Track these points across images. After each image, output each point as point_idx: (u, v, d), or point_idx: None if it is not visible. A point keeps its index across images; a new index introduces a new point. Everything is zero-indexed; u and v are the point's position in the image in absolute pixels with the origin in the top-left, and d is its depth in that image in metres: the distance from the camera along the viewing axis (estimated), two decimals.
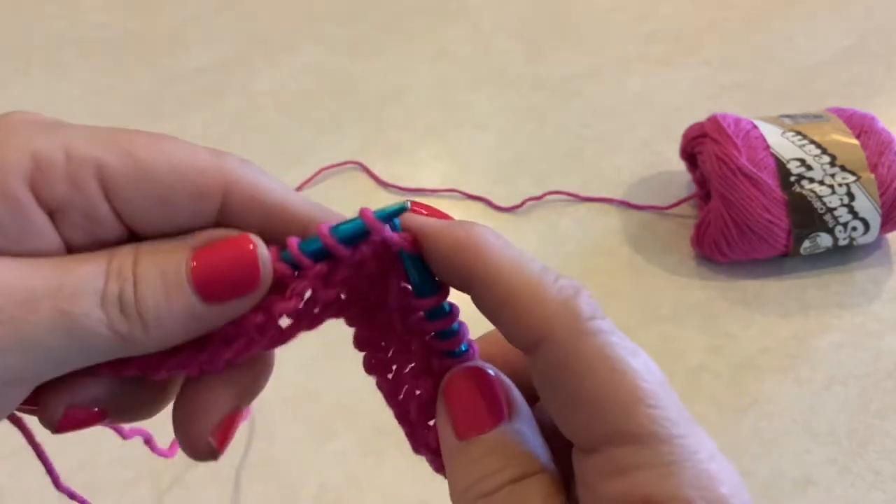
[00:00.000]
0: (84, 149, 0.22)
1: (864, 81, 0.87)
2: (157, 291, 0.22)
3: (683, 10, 0.99)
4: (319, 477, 0.55)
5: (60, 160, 0.22)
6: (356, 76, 0.91)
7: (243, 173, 0.24)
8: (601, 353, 0.21)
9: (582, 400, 0.21)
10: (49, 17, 1.03)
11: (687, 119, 0.72)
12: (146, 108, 0.88)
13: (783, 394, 0.58)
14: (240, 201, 0.24)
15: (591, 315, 0.22)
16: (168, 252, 0.23)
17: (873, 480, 0.53)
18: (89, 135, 0.22)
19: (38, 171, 0.21)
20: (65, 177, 0.22)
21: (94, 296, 0.21)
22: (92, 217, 0.23)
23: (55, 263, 0.22)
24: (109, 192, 0.22)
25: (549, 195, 0.74)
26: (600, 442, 0.21)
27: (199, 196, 0.23)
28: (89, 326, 0.21)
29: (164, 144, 0.23)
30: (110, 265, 0.22)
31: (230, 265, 0.23)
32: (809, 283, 0.66)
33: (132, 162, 0.22)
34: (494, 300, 0.23)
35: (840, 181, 0.63)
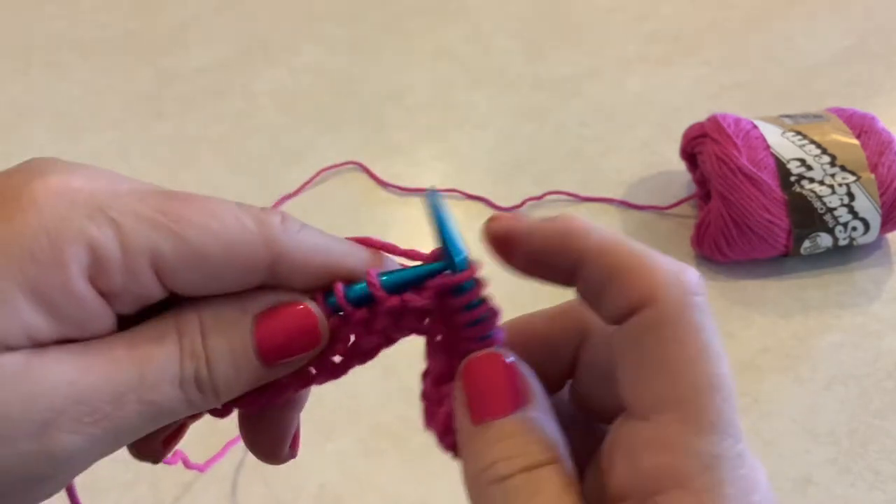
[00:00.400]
0: (137, 238, 0.22)
1: (864, 81, 0.87)
2: (228, 367, 0.24)
3: (683, 10, 0.99)
4: (319, 477, 0.55)
5: (116, 254, 0.22)
6: (356, 76, 0.91)
7: (288, 242, 0.24)
8: (699, 329, 0.22)
9: (665, 364, 0.22)
10: (49, 17, 1.03)
11: (687, 119, 0.72)
12: (146, 108, 0.88)
13: (783, 394, 0.58)
14: (286, 270, 0.25)
15: (697, 290, 0.22)
16: (233, 322, 0.24)
17: (873, 480, 0.53)
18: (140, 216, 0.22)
19: (96, 266, 0.22)
20: (122, 268, 0.22)
21: (174, 381, 0.23)
22: (144, 296, 0.23)
23: (128, 350, 0.23)
24: (162, 276, 0.23)
25: (549, 195, 0.74)
26: (662, 409, 0.21)
27: (249, 272, 0.24)
28: (171, 408, 0.23)
29: (214, 221, 0.23)
30: (182, 346, 0.23)
31: (292, 333, 0.25)
32: (809, 283, 0.66)
33: (184, 247, 0.23)
34: (605, 271, 0.23)
35: (840, 181, 0.63)
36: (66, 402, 0.21)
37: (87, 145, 0.83)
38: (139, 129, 0.85)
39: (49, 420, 0.21)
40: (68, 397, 0.21)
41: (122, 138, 0.84)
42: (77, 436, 0.21)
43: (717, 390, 0.21)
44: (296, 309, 0.25)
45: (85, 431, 0.22)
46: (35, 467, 0.21)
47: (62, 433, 0.21)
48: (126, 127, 0.85)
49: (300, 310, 0.25)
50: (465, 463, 0.24)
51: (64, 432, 0.21)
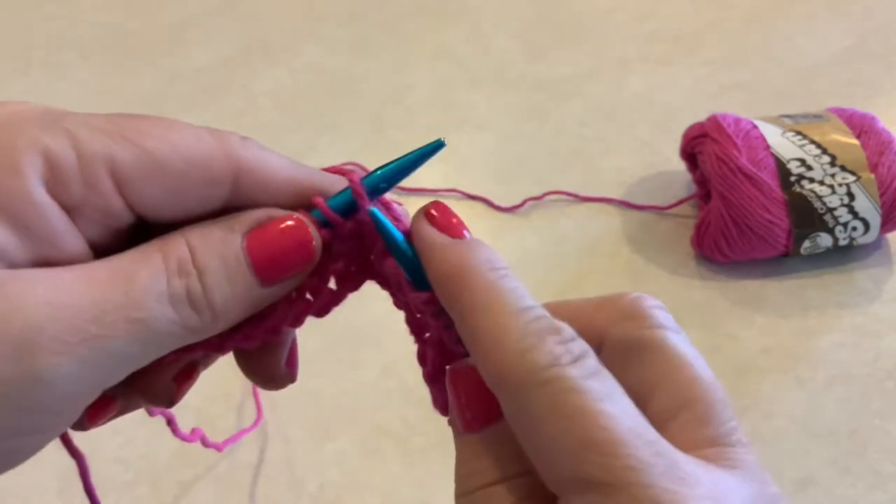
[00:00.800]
0: (93, 145, 0.22)
1: (864, 81, 0.87)
2: (222, 282, 0.23)
3: (683, 10, 0.99)
4: (319, 477, 0.55)
5: (72, 159, 0.21)
6: (356, 76, 0.91)
7: (249, 155, 0.24)
8: (551, 402, 0.20)
9: (537, 448, 0.21)
10: (49, 17, 1.03)
11: (687, 119, 0.72)
12: (146, 108, 0.88)
13: (783, 394, 0.58)
14: (249, 183, 0.24)
15: (546, 363, 0.20)
16: (222, 238, 0.23)
17: (873, 480, 0.53)
18: (94, 127, 0.22)
19: (53, 173, 0.21)
20: (79, 176, 0.21)
21: (162, 297, 0.22)
22: (107, 212, 0.22)
23: (109, 271, 0.22)
24: (122, 186, 0.22)
25: (549, 195, 0.74)
26: (560, 489, 0.20)
27: (211, 184, 0.23)
28: (163, 328, 0.22)
29: (171, 133, 0.23)
30: (167, 262, 0.22)
31: (285, 245, 0.24)
32: (809, 283, 0.66)
33: (143, 155, 0.22)
34: (464, 334, 0.23)
35: (840, 181, 0.63)
36: (46, 321, 0.20)
37: None
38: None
39: (28, 340, 0.20)
40: (49, 316, 0.20)
41: None
42: (63, 357, 0.20)
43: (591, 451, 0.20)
44: (286, 222, 0.24)
45: (71, 352, 0.20)
46: (22, 394, 0.20)
47: (45, 354, 0.20)
48: None
49: (291, 222, 0.24)
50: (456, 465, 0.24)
51: (47, 353, 0.20)
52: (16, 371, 0.20)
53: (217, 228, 0.24)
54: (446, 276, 0.23)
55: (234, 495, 0.54)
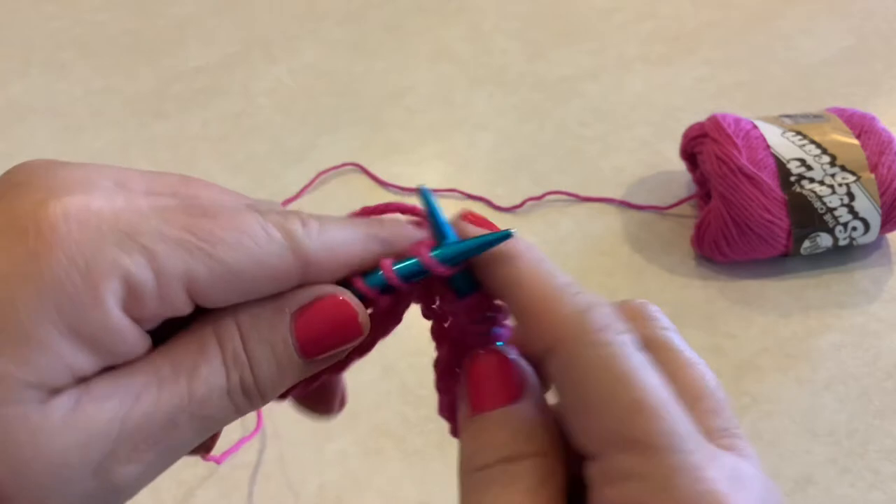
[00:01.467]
0: (171, 262, 0.22)
1: (864, 81, 0.87)
2: (271, 370, 0.24)
3: (683, 10, 0.99)
4: (319, 477, 0.55)
5: (151, 283, 0.21)
6: (356, 76, 0.91)
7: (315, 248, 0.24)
8: (607, 363, 0.22)
9: (586, 404, 0.22)
10: (49, 16, 1.03)
11: (687, 119, 0.72)
12: (146, 108, 0.88)
13: (783, 394, 0.58)
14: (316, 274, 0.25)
15: (604, 325, 0.22)
16: (271, 325, 0.24)
17: (873, 480, 0.53)
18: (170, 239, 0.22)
19: (131, 296, 0.21)
20: (156, 297, 0.22)
21: (222, 393, 0.23)
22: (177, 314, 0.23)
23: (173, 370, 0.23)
24: (195, 296, 0.23)
25: (549, 195, 0.74)
26: (602, 447, 0.21)
27: (281, 284, 0.24)
28: (221, 418, 0.23)
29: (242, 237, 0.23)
30: (224, 355, 0.23)
31: (332, 326, 0.25)
32: (809, 283, 0.66)
33: (218, 268, 0.22)
34: (519, 306, 0.24)
35: (840, 181, 0.63)
36: (121, 436, 0.21)
37: (87, 145, 0.83)
38: (139, 129, 0.85)
39: (106, 457, 0.21)
40: (122, 432, 0.21)
41: (122, 138, 0.84)
42: (134, 465, 0.22)
43: (642, 412, 0.21)
44: (333, 302, 0.25)
45: (142, 459, 0.22)
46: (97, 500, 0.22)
47: (120, 466, 0.21)
48: (126, 127, 0.85)
49: (338, 302, 0.25)
50: (460, 451, 0.25)
51: (122, 464, 0.21)
52: (97, 486, 0.21)
53: (267, 310, 0.24)
54: (500, 259, 0.25)
55: (235, 495, 0.54)
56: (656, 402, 0.21)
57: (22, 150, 0.83)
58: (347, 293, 0.25)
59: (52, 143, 0.84)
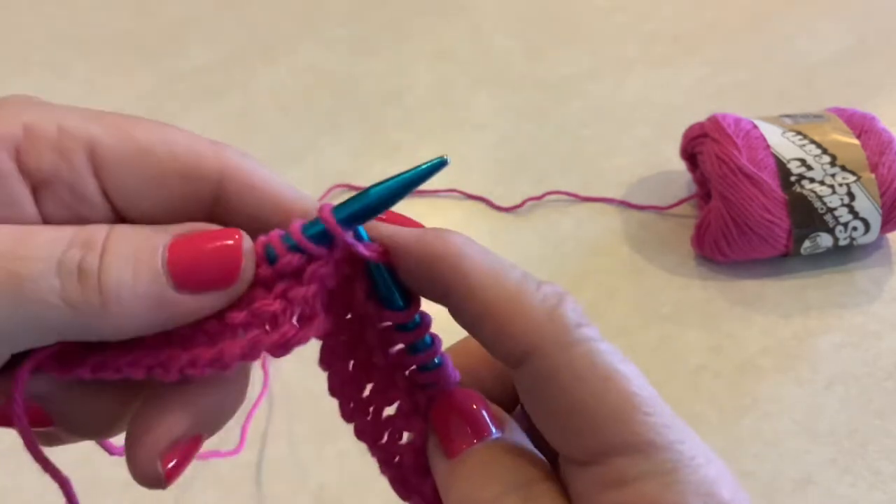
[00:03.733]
0: (78, 123, 0.21)
1: (864, 81, 0.87)
2: (124, 266, 0.20)
3: (683, 10, 0.99)
4: (319, 477, 0.55)
5: (51, 131, 0.21)
6: (356, 76, 0.91)
7: (241, 163, 0.23)
8: (591, 363, 0.21)
9: (574, 411, 0.21)
10: (49, 16, 1.03)
11: (687, 119, 0.72)
12: (146, 108, 0.88)
13: (783, 394, 0.58)
14: (235, 190, 0.23)
15: (577, 323, 0.21)
16: (148, 233, 0.21)
17: (873, 480, 0.53)
18: (86, 113, 0.22)
19: (27, 141, 0.21)
20: (53, 148, 0.21)
21: (50, 261, 0.20)
22: (78, 192, 0.21)
23: (17, 229, 0.20)
24: (100, 168, 0.21)
25: (549, 195, 0.74)
26: (596, 453, 0.20)
27: (193, 178, 0.22)
28: (38, 292, 0.19)
29: (164, 129, 0.23)
30: (78, 234, 0.21)
31: (210, 254, 0.21)
32: (809, 283, 0.66)
33: (126, 139, 0.22)
34: (474, 313, 0.22)
35: (840, 181, 0.63)
36: None
37: None
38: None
39: None
40: None
41: None
42: None
43: (636, 410, 0.20)
44: (223, 233, 0.22)
45: None
46: None
47: None
48: None
49: (227, 235, 0.22)
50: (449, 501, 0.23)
51: None
52: None
53: (150, 227, 0.22)
54: (436, 258, 0.22)
55: (235, 495, 0.54)
56: (646, 397, 0.20)
57: None
58: (245, 235, 0.22)
59: None
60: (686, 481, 0.20)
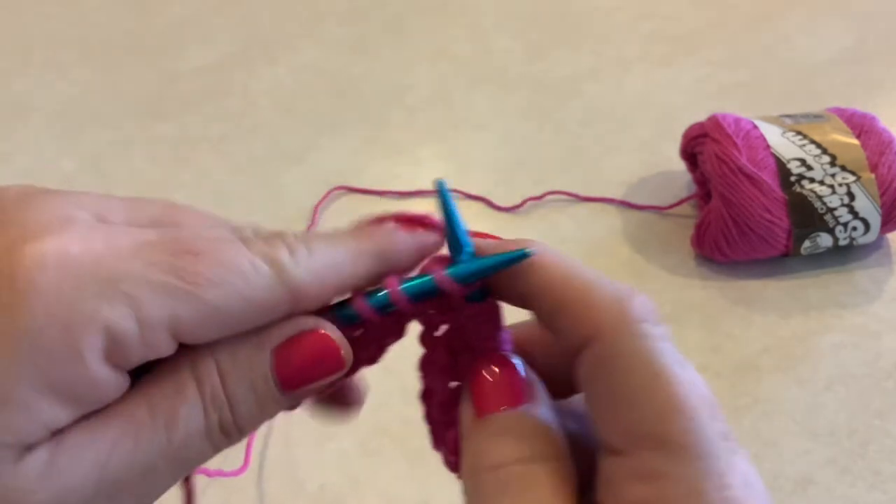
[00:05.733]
0: (154, 309, 0.20)
1: (864, 81, 0.87)
2: (251, 408, 0.23)
3: (683, 10, 0.99)
4: (319, 477, 0.55)
5: (134, 332, 0.20)
6: (356, 76, 0.91)
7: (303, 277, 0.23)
8: (647, 356, 0.21)
9: (621, 398, 0.21)
10: (49, 16, 1.03)
11: (687, 119, 0.72)
12: (146, 108, 0.88)
13: (783, 394, 0.58)
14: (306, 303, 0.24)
15: (642, 318, 0.22)
16: (250, 362, 0.23)
17: (873, 480, 0.53)
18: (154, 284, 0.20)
19: (114, 346, 0.20)
20: (140, 345, 0.21)
21: (201, 435, 0.22)
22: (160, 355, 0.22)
23: (150, 414, 0.22)
24: (180, 338, 0.22)
25: (549, 195, 0.74)
26: (632, 443, 0.21)
27: (269, 316, 0.23)
28: (199, 458, 0.23)
29: (229, 275, 0.22)
30: (202, 395, 0.22)
31: (313, 361, 0.24)
32: (809, 283, 0.66)
33: (204, 308, 0.21)
34: (550, 308, 0.23)
35: (840, 181, 0.63)
36: (99, 488, 0.21)
37: (87, 145, 0.83)
38: (139, 130, 0.85)
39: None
40: (100, 483, 0.21)
41: (122, 139, 0.84)
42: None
43: (679, 412, 0.21)
44: (314, 336, 0.24)
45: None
46: None
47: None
48: (126, 127, 0.85)
49: (319, 337, 0.24)
50: (464, 456, 0.24)
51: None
52: None
53: (246, 347, 0.23)
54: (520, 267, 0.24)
55: (235, 495, 0.54)
56: (693, 403, 0.21)
57: (22, 150, 0.83)
58: (329, 326, 0.24)
59: (52, 143, 0.84)
60: (707, 495, 0.20)
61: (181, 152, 0.82)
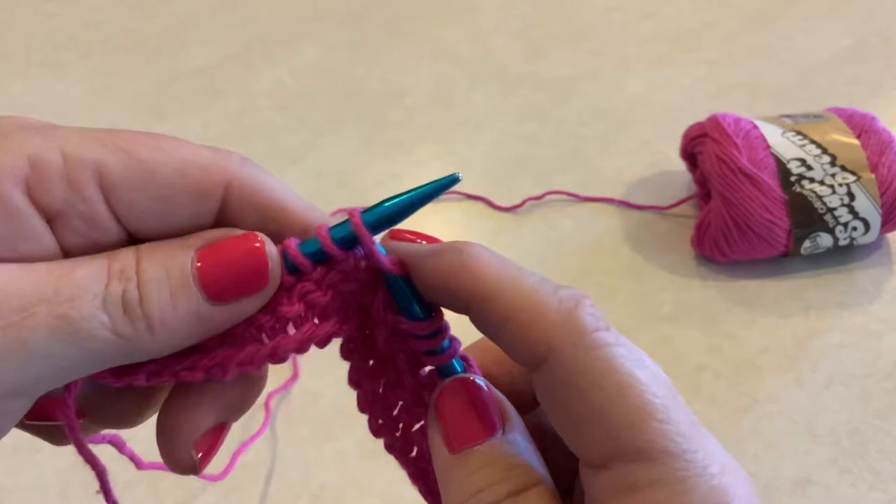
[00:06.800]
0: (82, 150, 0.21)
1: (864, 81, 0.87)
2: (162, 291, 0.21)
3: (683, 10, 0.99)
4: (319, 477, 0.55)
5: (57, 162, 0.21)
6: (356, 76, 0.91)
7: (245, 171, 0.23)
8: (607, 367, 0.21)
9: (589, 415, 0.21)
10: (49, 17, 1.03)
11: (687, 119, 0.72)
12: (146, 108, 0.88)
13: (783, 394, 0.58)
14: (240, 199, 0.23)
15: (594, 327, 0.21)
16: (172, 251, 0.22)
17: (873, 480, 0.53)
18: (87, 136, 0.22)
19: (35, 175, 0.21)
20: (63, 179, 0.21)
21: (95, 298, 0.21)
22: (91, 220, 0.22)
23: (50, 267, 0.21)
24: (109, 193, 0.22)
25: (549, 195, 0.74)
26: (609, 458, 0.21)
27: (201, 194, 0.23)
28: (91, 330, 0.20)
29: (165, 144, 0.23)
30: (111, 266, 0.21)
31: (238, 263, 0.22)
32: (809, 283, 0.66)
33: (133, 162, 0.22)
34: (494, 320, 0.22)
35: (840, 181, 0.63)
36: None
37: None
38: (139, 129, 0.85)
39: None
40: None
41: None
42: None
43: (650, 418, 0.20)
44: (244, 237, 0.23)
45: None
46: None
47: None
48: (126, 127, 0.85)
49: (248, 237, 0.23)
50: (445, 495, 0.23)
51: None
52: None
53: (171, 243, 0.23)
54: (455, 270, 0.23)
55: (235, 495, 0.54)
56: (661, 402, 0.21)
57: None
58: (266, 238, 0.23)
59: None
60: (696, 490, 0.20)
61: None
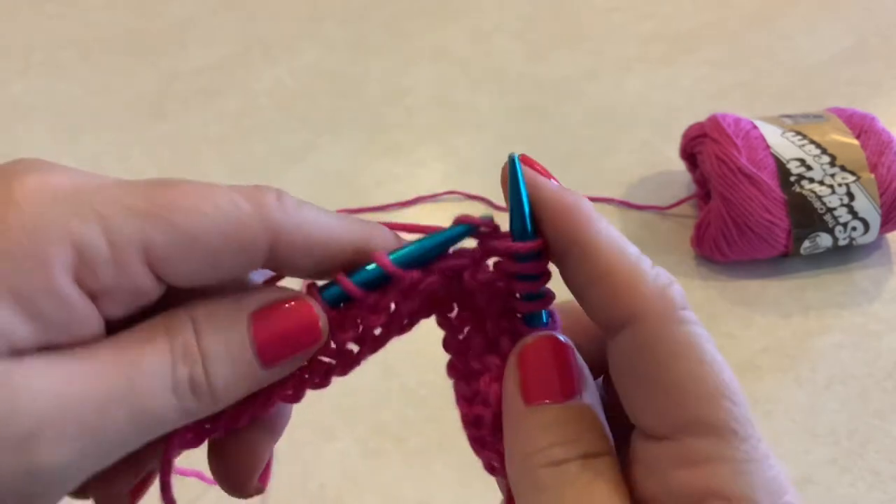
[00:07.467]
0: (126, 229, 0.21)
1: (864, 81, 0.87)
2: (225, 368, 0.23)
3: (683, 10, 0.99)
4: (319, 477, 0.55)
5: (104, 248, 0.20)
6: (356, 76, 0.91)
7: (286, 220, 0.23)
8: (691, 342, 0.21)
9: (665, 385, 0.21)
10: (49, 16, 1.03)
11: (687, 119, 0.72)
12: (146, 108, 0.88)
13: (783, 394, 0.58)
14: (287, 249, 0.23)
15: (683, 305, 0.22)
16: (230, 321, 0.23)
17: (873, 480, 0.53)
18: (126, 207, 0.21)
19: (83, 264, 0.20)
20: (110, 264, 0.21)
21: (166, 386, 0.22)
22: (138, 292, 0.22)
23: (115, 358, 0.21)
24: (155, 266, 0.22)
25: None
26: (677, 429, 0.21)
27: (247, 254, 0.23)
28: (164, 415, 0.22)
29: (205, 203, 0.22)
30: (173, 347, 0.22)
31: (292, 331, 0.24)
32: (809, 283, 0.66)
33: (176, 233, 0.21)
34: (592, 272, 0.23)
35: (840, 181, 0.63)
36: (50, 414, 0.20)
37: (87, 145, 0.83)
38: (139, 129, 0.85)
39: (32, 433, 0.19)
40: (52, 409, 0.20)
41: (122, 138, 0.84)
42: (63, 448, 0.20)
43: (725, 398, 0.21)
44: (294, 305, 0.24)
45: (71, 445, 0.20)
46: (20, 484, 0.20)
47: (46, 447, 0.20)
48: (126, 127, 0.85)
49: (298, 305, 0.24)
50: (512, 444, 0.23)
51: (48, 446, 0.20)
52: (17, 464, 0.20)
53: (224, 307, 0.23)
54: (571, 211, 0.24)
55: None
56: (734, 387, 0.21)
57: (22, 150, 0.83)
58: (309, 297, 0.24)
59: (52, 143, 0.84)
60: (759, 474, 0.20)
61: (181, 152, 0.82)
